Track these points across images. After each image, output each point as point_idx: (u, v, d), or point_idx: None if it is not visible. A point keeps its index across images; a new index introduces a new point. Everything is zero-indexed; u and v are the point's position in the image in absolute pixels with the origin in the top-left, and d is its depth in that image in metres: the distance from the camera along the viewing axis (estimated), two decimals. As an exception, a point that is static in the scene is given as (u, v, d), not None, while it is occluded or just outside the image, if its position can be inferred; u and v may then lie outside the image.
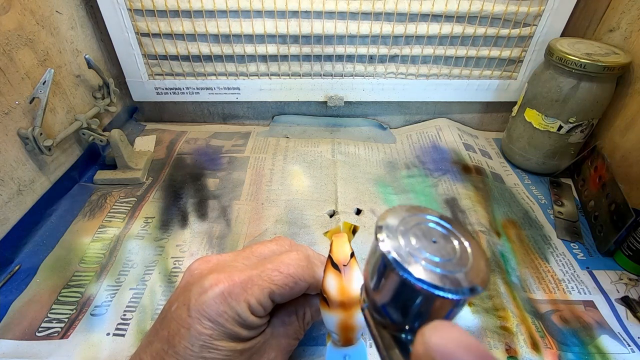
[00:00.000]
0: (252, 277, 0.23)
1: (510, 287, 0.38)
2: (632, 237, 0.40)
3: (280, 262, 0.25)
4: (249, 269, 0.24)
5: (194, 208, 0.47)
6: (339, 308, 0.22)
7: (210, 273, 0.24)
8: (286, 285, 0.24)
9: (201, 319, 0.22)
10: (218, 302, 0.22)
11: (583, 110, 0.47)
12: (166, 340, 0.22)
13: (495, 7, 0.51)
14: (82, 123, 0.48)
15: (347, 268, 0.22)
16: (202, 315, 0.22)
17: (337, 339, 0.22)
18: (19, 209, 0.41)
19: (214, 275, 0.23)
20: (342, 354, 0.22)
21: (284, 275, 0.24)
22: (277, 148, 0.58)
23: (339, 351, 0.22)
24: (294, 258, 0.25)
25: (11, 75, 0.40)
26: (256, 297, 0.23)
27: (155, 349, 0.23)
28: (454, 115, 0.64)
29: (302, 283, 0.24)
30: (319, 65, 0.57)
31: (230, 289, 0.23)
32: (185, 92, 0.58)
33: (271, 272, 0.24)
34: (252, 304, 0.23)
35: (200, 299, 0.22)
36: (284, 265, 0.24)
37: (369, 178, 0.52)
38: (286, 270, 0.24)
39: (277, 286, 0.23)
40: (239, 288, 0.23)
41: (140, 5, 0.50)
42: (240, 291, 0.23)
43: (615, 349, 0.33)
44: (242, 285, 0.23)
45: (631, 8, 0.47)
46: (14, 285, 0.37)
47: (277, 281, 0.24)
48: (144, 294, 0.37)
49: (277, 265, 0.24)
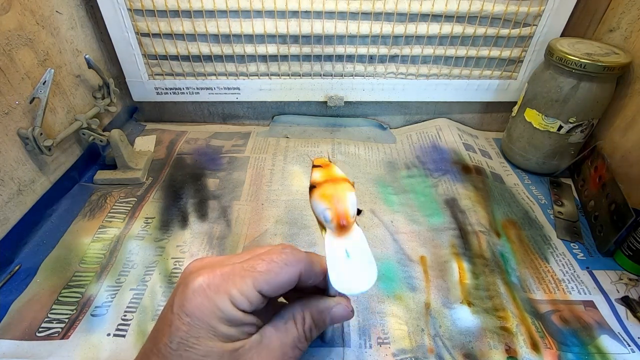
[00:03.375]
0: (234, 268, 0.22)
1: (510, 287, 0.38)
2: (632, 237, 0.40)
3: (264, 252, 0.23)
4: (235, 264, 0.23)
5: (194, 208, 0.47)
6: (325, 184, 0.21)
7: (198, 270, 0.23)
8: (270, 270, 0.22)
9: (180, 314, 0.21)
10: (196, 295, 0.21)
11: (583, 110, 0.47)
12: (152, 339, 0.22)
13: (495, 7, 0.51)
14: (82, 123, 0.48)
15: (328, 166, 0.22)
16: (181, 311, 0.21)
17: (332, 227, 0.21)
18: (19, 209, 0.41)
19: (199, 271, 0.22)
20: (342, 247, 0.21)
21: (267, 262, 0.23)
22: (277, 148, 0.58)
23: (339, 242, 0.21)
24: (278, 246, 0.24)
25: (11, 75, 0.40)
26: (238, 288, 0.21)
27: (144, 348, 0.23)
28: (454, 115, 0.64)
29: (290, 268, 0.23)
30: (319, 65, 0.57)
31: (210, 281, 0.21)
32: (185, 92, 0.58)
33: (253, 261, 0.23)
34: (234, 295, 0.21)
35: (182, 294, 0.22)
36: (267, 254, 0.23)
37: (369, 178, 0.52)
38: (269, 257, 0.23)
39: (260, 273, 0.22)
40: (220, 279, 0.22)
41: (140, 5, 0.50)
42: (221, 282, 0.21)
43: (615, 349, 0.33)
44: (222, 276, 0.22)
45: (631, 8, 0.47)
46: (14, 285, 0.37)
47: (259, 268, 0.22)
48: (145, 294, 0.37)
49: (261, 256, 0.23)
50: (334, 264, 0.20)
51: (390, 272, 0.39)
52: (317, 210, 0.21)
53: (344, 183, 0.21)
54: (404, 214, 0.47)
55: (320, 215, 0.21)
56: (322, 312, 0.25)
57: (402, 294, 0.37)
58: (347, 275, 0.20)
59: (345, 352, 0.32)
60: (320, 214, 0.21)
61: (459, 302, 0.36)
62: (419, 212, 0.47)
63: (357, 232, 0.22)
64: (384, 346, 0.33)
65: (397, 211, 0.47)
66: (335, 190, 0.21)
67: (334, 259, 0.20)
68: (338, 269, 0.20)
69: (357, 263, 0.20)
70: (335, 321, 0.26)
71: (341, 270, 0.20)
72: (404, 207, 0.48)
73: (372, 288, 0.37)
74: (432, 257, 0.41)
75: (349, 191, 0.21)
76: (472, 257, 0.41)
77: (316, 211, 0.22)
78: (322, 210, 0.21)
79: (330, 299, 0.26)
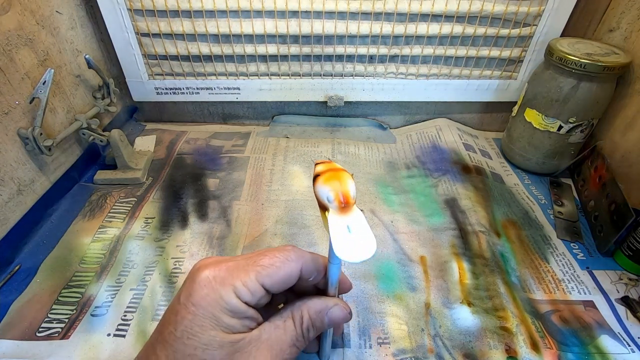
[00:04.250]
0: (239, 263, 0.24)
1: (510, 287, 0.38)
2: (632, 237, 0.40)
3: (268, 250, 0.25)
4: (239, 260, 0.25)
5: (194, 208, 0.47)
6: (327, 172, 0.23)
7: (207, 265, 0.24)
8: (273, 264, 0.24)
9: (187, 304, 0.22)
10: (202, 285, 0.23)
11: (583, 110, 0.47)
12: (159, 329, 0.23)
13: (495, 7, 0.51)
14: (82, 123, 0.48)
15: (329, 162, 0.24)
16: (188, 301, 0.22)
17: (335, 207, 0.23)
18: (19, 209, 0.41)
19: (207, 266, 0.24)
20: (344, 223, 0.22)
21: (270, 257, 0.24)
22: (277, 148, 0.58)
23: (341, 220, 0.23)
24: (282, 246, 0.26)
25: (11, 75, 0.40)
26: (242, 280, 0.23)
27: (151, 339, 0.24)
28: (454, 115, 0.64)
29: (291, 263, 0.25)
30: (319, 65, 0.57)
31: (216, 274, 0.23)
32: (185, 92, 0.58)
33: (257, 257, 0.24)
34: (238, 286, 0.23)
35: (189, 286, 0.23)
36: (271, 251, 0.25)
37: (369, 178, 0.52)
38: (271, 254, 0.25)
39: (262, 267, 0.24)
40: (225, 272, 0.23)
41: (140, 5, 0.50)
42: (226, 275, 0.23)
43: (615, 349, 0.33)
44: (227, 270, 0.23)
45: (631, 8, 0.47)
46: (14, 285, 0.37)
47: (263, 262, 0.24)
48: (145, 294, 0.37)
49: (264, 252, 0.25)
50: (337, 237, 0.22)
51: (390, 272, 0.39)
52: (321, 192, 0.23)
53: (344, 172, 0.24)
54: (404, 214, 0.47)
55: (323, 197, 0.23)
56: (320, 312, 0.26)
57: (402, 294, 0.37)
58: (349, 246, 0.22)
59: (345, 352, 0.32)
60: (324, 195, 0.23)
61: (459, 302, 0.36)
62: (419, 212, 0.47)
63: (357, 212, 0.23)
64: (384, 346, 0.33)
65: (397, 211, 0.47)
66: (337, 176, 0.23)
67: (337, 234, 0.22)
68: (341, 241, 0.22)
69: (358, 237, 0.22)
70: (333, 322, 0.27)
71: (344, 243, 0.22)
72: (404, 207, 0.48)
73: (371, 287, 0.37)
74: (432, 257, 0.41)
75: (349, 178, 0.24)
76: (472, 257, 0.41)
77: (320, 194, 0.23)
78: (326, 192, 0.23)
79: (328, 299, 0.27)
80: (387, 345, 0.33)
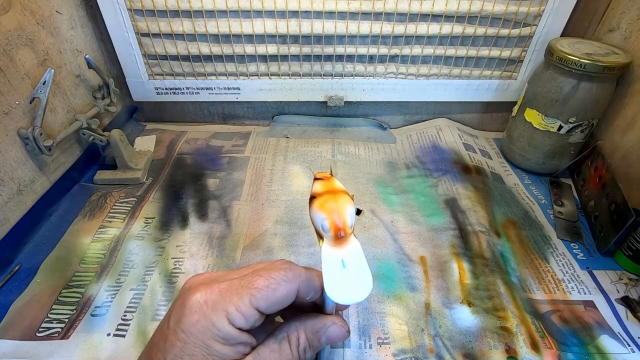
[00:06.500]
0: (232, 284, 0.22)
1: (510, 287, 0.38)
2: (632, 237, 0.40)
3: (263, 269, 0.23)
4: (233, 280, 0.23)
5: (194, 208, 0.47)
6: (325, 195, 0.21)
7: (197, 286, 0.23)
8: (268, 287, 0.22)
9: (176, 330, 0.21)
10: (193, 311, 0.21)
11: (583, 110, 0.47)
12: (147, 352, 0.22)
13: (495, 7, 0.51)
14: (82, 123, 0.48)
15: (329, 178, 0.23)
16: (177, 327, 0.21)
17: (330, 237, 0.21)
18: (19, 209, 0.41)
19: (197, 287, 0.22)
20: (338, 257, 0.21)
21: (265, 278, 0.22)
22: (277, 148, 0.58)
23: (335, 253, 0.21)
24: (277, 262, 0.24)
25: (11, 75, 0.40)
26: (235, 305, 0.21)
27: None
28: (454, 115, 0.64)
29: (288, 284, 0.23)
30: (319, 65, 0.57)
31: (207, 297, 0.21)
32: (185, 92, 0.58)
33: (252, 277, 0.22)
34: (231, 312, 0.21)
35: (179, 310, 0.22)
36: (266, 270, 0.23)
37: (369, 178, 0.52)
38: (267, 274, 0.22)
39: (257, 289, 0.22)
40: (217, 296, 0.21)
41: (140, 5, 0.50)
42: (218, 299, 0.21)
43: (615, 349, 0.33)
44: (220, 293, 0.22)
45: (631, 8, 0.47)
46: (14, 285, 0.37)
47: (257, 284, 0.22)
48: (145, 294, 0.37)
49: (259, 272, 0.23)
50: (330, 274, 0.21)
51: (390, 272, 0.39)
52: (316, 220, 0.22)
53: (344, 195, 0.22)
54: (404, 214, 0.47)
55: (318, 224, 0.22)
56: (317, 331, 0.25)
57: (402, 294, 0.37)
58: (342, 285, 0.20)
59: (345, 352, 0.32)
60: (319, 223, 0.21)
61: (459, 302, 0.36)
62: (419, 212, 0.47)
63: (354, 243, 0.22)
64: (384, 346, 0.33)
65: (397, 211, 0.47)
66: (335, 201, 0.21)
67: (330, 269, 0.21)
68: (333, 279, 0.20)
69: (353, 274, 0.21)
70: (330, 341, 0.26)
71: (336, 281, 0.20)
72: (404, 207, 0.48)
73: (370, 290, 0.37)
74: (432, 257, 0.41)
75: (348, 203, 0.22)
76: (472, 257, 0.41)
77: (315, 221, 0.22)
78: (321, 220, 0.21)
79: (325, 317, 0.26)
80: (387, 345, 0.33)
